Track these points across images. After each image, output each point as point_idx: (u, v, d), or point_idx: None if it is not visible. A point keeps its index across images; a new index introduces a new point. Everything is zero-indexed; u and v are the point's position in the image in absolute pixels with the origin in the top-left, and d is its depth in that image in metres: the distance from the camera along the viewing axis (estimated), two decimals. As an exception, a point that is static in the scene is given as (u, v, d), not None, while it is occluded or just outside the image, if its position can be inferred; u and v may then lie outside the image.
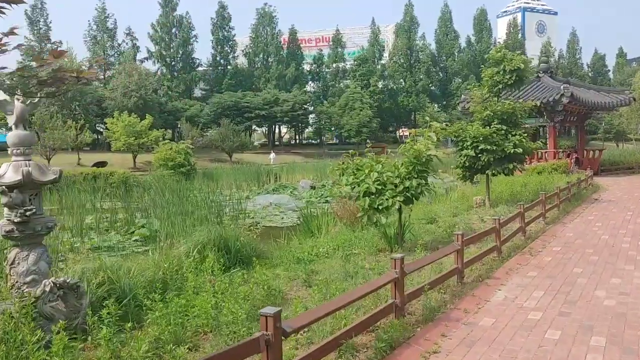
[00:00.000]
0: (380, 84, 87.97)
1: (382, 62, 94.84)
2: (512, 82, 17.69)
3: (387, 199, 10.74)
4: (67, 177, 37.91)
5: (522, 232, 12.47)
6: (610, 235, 12.91)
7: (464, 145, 17.02)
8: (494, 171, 17.10)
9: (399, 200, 10.69)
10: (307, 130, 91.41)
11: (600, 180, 27.86)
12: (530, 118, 29.69)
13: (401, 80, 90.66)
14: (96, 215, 20.34)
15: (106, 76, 77.89)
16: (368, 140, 78.07)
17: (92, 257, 9.57)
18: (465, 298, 7.67)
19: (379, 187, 10.86)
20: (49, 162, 47.02)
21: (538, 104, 27.34)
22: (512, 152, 16.45)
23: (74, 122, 51.37)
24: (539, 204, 14.69)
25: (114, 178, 38.85)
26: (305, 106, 78.66)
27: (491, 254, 10.25)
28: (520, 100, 18.53)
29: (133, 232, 17.80)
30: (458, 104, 37.36)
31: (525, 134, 17.23)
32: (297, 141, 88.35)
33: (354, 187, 11.22)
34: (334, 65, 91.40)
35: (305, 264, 10.63)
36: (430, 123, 11.62)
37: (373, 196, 10.92)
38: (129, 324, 6.52)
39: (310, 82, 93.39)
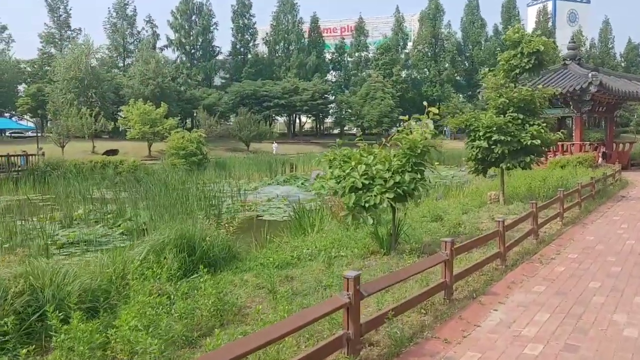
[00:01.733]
0: (403, 74, 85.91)
1: (406, 51, 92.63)
2: (531, 66, 15.99)
3: (374, 196, 9.32)
4: (76, 165, 37.28)
5: (534, 235, 10.90)
6: (637, 240, 11.25)
7: (476, 135, 15.51)
8: (508, 164, 15.54)
9: (388, 197, 9.25)
10: (327, 120, 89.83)
11: (629, 176, 25.87)
12: (555, 108, 27.92)
13: (425, 69, 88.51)
14: (85, 206, 19.34)
15: (125, 64, 77.51)
16: (358, 129, 76.16)
17: (25, 258, 8.33)
18: (449, 322, 6.22)
19: (367, 182, 9.45)
20: (62, 150, 46.54)
21: (561, 92, 25.44)
22: (529, 143, 14.85)
23: (88, 110, 50.74)
24: (557, 201, 13.08)
25: (123, 167, 38.01)
26: (326, 95, 77.20)
27: (494, 262, 8.77)
28: (540, 86, 16.82)
29: (119, 224, 16.76)
30: (478, 92, 35.47)
31: (545, 124, 15.58)
32: (318, 131, 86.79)
33: (340, 182, 9.83)
34: (357, 54, 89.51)
35: (279, 268, 9.35)
36: (428, 110, 10.14)
37: (360, 192, 9.52)
38: (25, 350, 5.35)
39: (332, 71, 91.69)
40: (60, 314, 5.67)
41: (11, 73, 69.02)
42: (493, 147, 15.23)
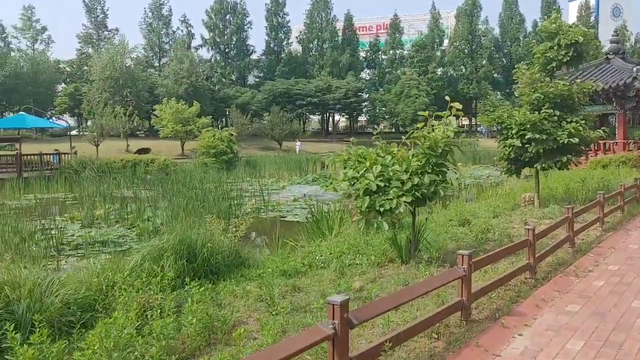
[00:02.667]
0: (439, 71, 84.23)
1: (442, 48, 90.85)
2: (569, 59, 14.77)
3: (390, 199, 8.49)
4: (107, 164, 37.40)
5: (569, 243, 9.88)
6: (687, 249, 10.15)
7: (509, 133, 14.48)
8: (544, 164, 14.46)
9: (405, 201, 8.41)
10: (361, 118, 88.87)
11: (678, 176, 24.26)
12: (597, 104, 26.43)
13: (461, 66, 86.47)
14: (105, 206, 19.03)
15: (161, 63, 78.13)
16: (375, 126, 74.60)
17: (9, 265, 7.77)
18: (464, 350, 5.35)
19: (382, 184, 8.62)
20: (97, 148, 46.84)
21: (602, 87, 23.99)
22: (566, 142, 13.74)
23: (121, 109, 51.06)
24: (596, 205, 11.98)
25: (154, 165, 37.94)
26: (360, 93, 76.30)
27: (522, 275, 7.84)
28: (578, 81, 15.64)
29: (137, 225, 16.34)
30: (515, 90, 34.02)
31: (584, 121, 14.42)
32: (352, 129, 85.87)
33: (353, 183, 9.03)
34: (391, 51, 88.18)
35: (288, 277, 8.63)
36: (451, 105, 9.26)
37: (375, 195, 8.71)
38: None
39: (366, 69, 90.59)
40: (17, 332, 5.08)
41: (49, 73, 70.23)
42: (527, 145, 14.18)
